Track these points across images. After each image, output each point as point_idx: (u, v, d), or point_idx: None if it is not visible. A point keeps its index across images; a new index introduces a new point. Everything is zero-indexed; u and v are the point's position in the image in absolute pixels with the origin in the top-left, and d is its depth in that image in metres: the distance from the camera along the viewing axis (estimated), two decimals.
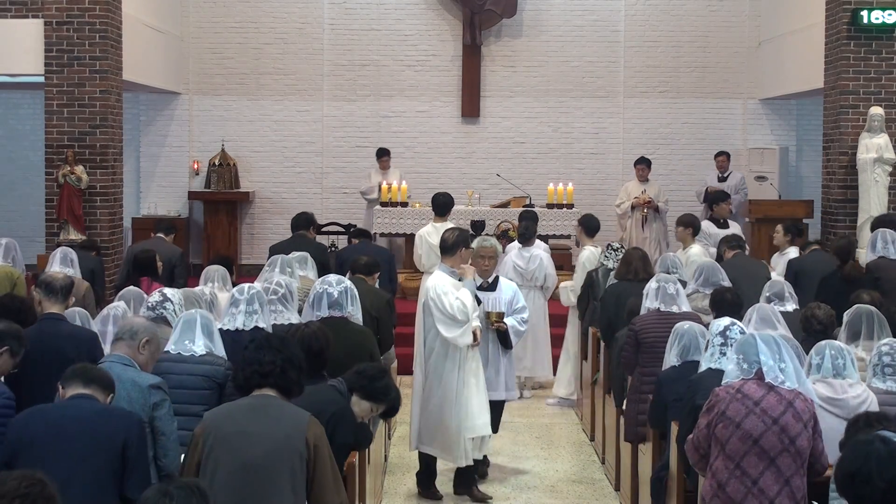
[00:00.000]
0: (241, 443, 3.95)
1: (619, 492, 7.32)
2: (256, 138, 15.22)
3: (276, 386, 4.10)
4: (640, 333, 6.61)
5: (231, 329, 5.93)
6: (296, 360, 4.17)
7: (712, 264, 7.95)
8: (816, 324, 6.14)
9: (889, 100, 11.77)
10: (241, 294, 6.07)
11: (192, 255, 15.08)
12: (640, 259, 8.03)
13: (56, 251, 8.31)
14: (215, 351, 5.36)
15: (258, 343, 4.22)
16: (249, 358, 4.16)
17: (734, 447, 4.37)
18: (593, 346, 8.66)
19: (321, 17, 15.21)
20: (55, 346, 5.43)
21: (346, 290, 6.25)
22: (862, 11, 11.66)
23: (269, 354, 4.11)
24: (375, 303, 7.22)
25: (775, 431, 4.35)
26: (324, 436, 4.11)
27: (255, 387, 4.12)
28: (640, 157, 13.61)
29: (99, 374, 4.28)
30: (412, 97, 15.24)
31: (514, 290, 7.58)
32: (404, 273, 12.68)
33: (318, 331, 5.28)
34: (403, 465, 7.92)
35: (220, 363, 5.28)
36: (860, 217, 11.52)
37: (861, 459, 3.40)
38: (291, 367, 4.13)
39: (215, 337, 5.42)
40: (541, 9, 15.19)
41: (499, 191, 14.57)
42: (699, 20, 15.23)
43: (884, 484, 3.36)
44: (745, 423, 4.35)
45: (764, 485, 4.34)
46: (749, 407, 4.37)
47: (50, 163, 11.62)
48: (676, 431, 5.52)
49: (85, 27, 11.50)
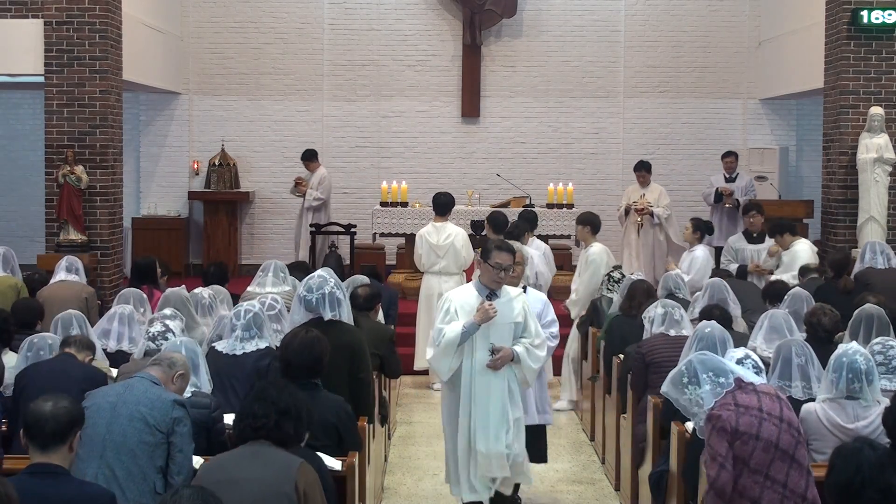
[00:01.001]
0: (230, 490, 3.86)
1: (619, 492, 7.32)
2: (256, 138, 15.22)
3: (270, 438, 4.04)
4: (648, 355, 6.52)
5: (229, 353, 5.84)
6: (292, 411, 4.08)
7: (720, 283, 7.73)
8: (822, 331, 6.09)
9: (889, 100, 11.77)
10: (238, 319, 5.94)
11: (193, 255, 15.09)
12: (643, 293, 7.79)
13: (61, 261, 8.23)
14: (200, 385, 5.26)
15: (255, 394, 4.14)
16: (244, 411, 4.10)
17: (759, 459, 4.25)
18: (593, 347, 8.66)
19: (321, 17, 15.21)
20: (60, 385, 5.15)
21: (323, 297, 5.80)
22: (862, 11, 11.66)
23: (263, 408, 4.05)
24: (377, 341, 7.01)
25: (786, 429, 4.29)
26: (316, 482, 4.04)
27: (249, 439, 4.06)
28: (638, 162, 13.06)
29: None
30: (412, 97, 15.24)
31: (543, 302, 6.80)
32: (404, 273, 12.69)
33: (319, 336, 5.18)
34: (403, 465, 7.93)
35: (206, 404, 5.13)
36: (860, 217, 11.52)
37: (852, 469, 3.37)
38: (287, 420, 4.05)
39: (200, 370, 5.33)
40: (541, 9, 15.20)
41: (499, 191, 14.56)
42: (699, 20, 15.23)
43: (878, 494, 3.33)
44: (763, 433, 4.26)
45: (793, 485, 4.25)
46: (757, 415, 4.28)
47: (50, 163, 11.62)
48: (678, 432, 5.53)
49: (85, 27, 11.49)
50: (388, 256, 14.15)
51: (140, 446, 4.42)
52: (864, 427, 4.94)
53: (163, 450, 4.49)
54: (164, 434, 4.49)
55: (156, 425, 4.48)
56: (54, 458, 3.93)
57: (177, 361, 4.93)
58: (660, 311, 6.79)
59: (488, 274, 5.88)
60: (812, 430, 5.02)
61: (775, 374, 5.38)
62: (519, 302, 5.97)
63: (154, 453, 4.46)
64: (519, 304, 5.96)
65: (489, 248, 5.92)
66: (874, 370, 5.08)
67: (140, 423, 4.47)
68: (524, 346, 5.90)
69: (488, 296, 5.88)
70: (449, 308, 5.87)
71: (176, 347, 5.27)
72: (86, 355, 5.69)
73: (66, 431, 3.94)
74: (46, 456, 3.92)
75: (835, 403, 5.02)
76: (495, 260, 5.85)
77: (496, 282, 5.86)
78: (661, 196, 12.85)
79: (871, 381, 5.03)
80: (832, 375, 5.04)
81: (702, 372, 4.44)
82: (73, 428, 3.97)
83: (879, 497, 3.33)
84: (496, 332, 5.83)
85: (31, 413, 3.95)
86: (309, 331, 5.25)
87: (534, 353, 5.95)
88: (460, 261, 10.23)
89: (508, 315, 5.87)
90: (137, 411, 4.50)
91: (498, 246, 5.92)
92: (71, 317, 6.33)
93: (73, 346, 5.66)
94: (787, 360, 5.39)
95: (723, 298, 7.47)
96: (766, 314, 6.47)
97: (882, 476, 3.35)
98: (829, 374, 5.08)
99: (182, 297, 6.97)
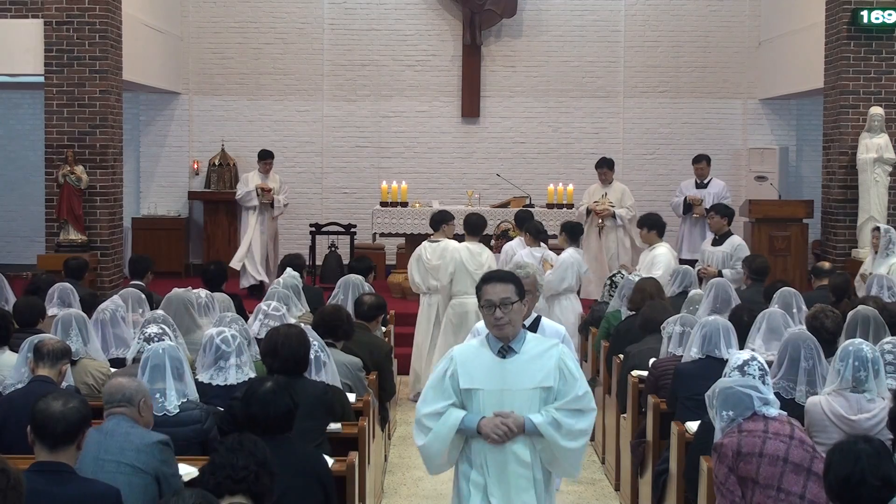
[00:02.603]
0: None
1: (619, 492, 7.32)
2: (256, 138, 15.21)
3: (249, 492, 3.76)
4: (661, 378, 6.32)
5: (222, 384, 5.50)
6: (270, 464, 3.84)
7: (724, 283, 7.72)
8: (826, 333, 6.08)
9: (889, 100, 11.78)
10: (228, 346, 5.54)
11: (192, 255, 15.08)
12: (654, 288, 7.71)
13: (54, 290, 7.72)
14: (188, 394, 5.07)
15: (230, 445, 3.85)
16: (221, 462, 3.78)
17: (767, 474, 4.22)
18: (593, 348, 8.65)
19: (321, 17, 15.21)
20: None
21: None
22: (862, 11, 11.66)
23: (242, 459, 3.76)
24: (375, 355, 6.93)
25: (797, 444, 4.26)
26: None
27: (226, 493, 3.74)
28: (600, 159, 12.45)
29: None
30: (412, 97, 15.24)
31: (560, 337, 5.06)
32: (404, 273, 12.67)
33: (280, 388, 4.52)
34: (403, 465, 7.93)
35: (197, 417, 5.00)
36: (860, 217, 11.53)
37: (851, 462, 3.46)
38: (265, 473, 3.81)
39: (186, 376, 5.08)
40: (541, 9, 15.20)
41: (499, 191, 14.56)
42: (699, 20, 15.23)
43: (878, 482, 3.42)
44: (766, 450, 4.23)
45: (812, 496, 4.20)
46: (761, 436, 4.27)
47: (50, 163, 11.63)
48: (678, 432, 5.53)
49: (85, 27, 11.50)
50: (388, 256, 14.15)
51: (129, 487, 4.28)
52: (866, 419, 4.94)
53: (152, 486, 4.37)
54: (152, 475, 4.37)
55: (144, 469, 4.36)
56: (62, 458, 3.91)
57: (131, 393, 4.53)
58: (678, 330, 6.46)
59: (485, 320, 4.35)
60: (816, 423, 5.01)
61: (781, 371, 5.35)
62: (551, 357, 4.26)
63: (146, 490, 4.35)
64: (551, 359, 4.26)
65: (478, 286, 4.38)
66: (881, 363, 5.09)
67: (127, 468, 4.33)
68: (551, 414, 4.19)
69: (501, 351, 4.27)
70: (447, 371, 4.31)
71: (159, 360, 5.03)
72: (62, 365, 5.37)
73: (76, 431, 3.91)
74: (54, 455, 3.91)
75: (839, 396, 5.02)
76: (485, 296, 4.27)
77: (496, 327, 4.25)
78: (625, 196, 12.04)
79: (878, 373, 5.03)
80: (839, 365, 5.04)
81: (722, 408, 4.41)
82: (82, 427, 3.95)
83: (880, 484, 3.43)
84: (512, 401, 4.22)
85: (40, 412, 3.92)
86: (262, 382, 4.58)
87: (566, 425, 4.19)
88: None
89: (531, 377, 4.25)
90: (124, 458, 4.34)
91: (486, 277, 4.37)
92: (71, 318, 6.21)
93: (46, 362, 5.31)
94: (795, 360, 5.35)
95: (727, 298, 7.48)
96: (764, 314, 6.43)
97: (880, 466, 3.44)
98: (835, 364, 5.08)
99: (184, 298, 6.95)
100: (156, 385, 4.99)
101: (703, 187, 12.01)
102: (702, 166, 12.18)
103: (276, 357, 5.21)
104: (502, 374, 4.23)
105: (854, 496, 3.44)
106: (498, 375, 4.24)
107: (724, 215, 10.10)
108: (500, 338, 4.26)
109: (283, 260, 9.49)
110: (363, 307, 7.30)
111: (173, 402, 4.99)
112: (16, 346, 6.08)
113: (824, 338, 6.03)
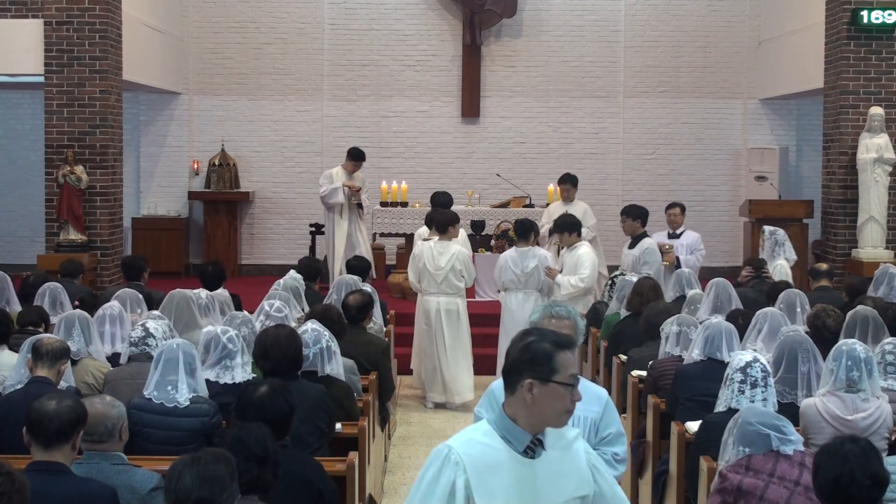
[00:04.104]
0: None
1: None
2: (256, 138, 15.22)
3: (254, 491, 3.75)
4: (660, 379, 6.30)
5: (230, 383, 5.50)
6: (271, 455, 3.82)
7: (724, 283, 7.69)
8: (827, 333, 6.07)
9: (889, 100, 11.78)
10: (234, 345, 5.58)
11: (193, 255, 15.08)
12: (650, 289, 7.73)
13: (45, 290, 7.65)
14: (199, 390, 5.11)
15: (230, 445, 3.80)
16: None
17: None
18: (593, 347, 8.66)
19: (321, 17, 15.21)
20: None
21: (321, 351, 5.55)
22: (862, 11, 11.66)
23: (244, 462, 3.72)
24: (371, 353, 6.92)
25: (801, 492, 4.10)
26: None
27: None
28: (564, 175, 11.73)
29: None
30: (412, 97, 15.24)
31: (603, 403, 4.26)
32: (404, 273, 12.67)
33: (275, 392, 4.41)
34: (403, 465, 7.93)
35: (205, 411, 5.03)
36: (860, 217, 11.53)
37: (840, 463, 3.47)
38: (265, 467, 3.81)
39: (198, 373, 5.13)
40: (541, 9, 15.20)
41: (499, 191, 14.56)
42: (699, 20, 15.23)
43: (868, 480, 3.44)
44: (768, 494, 4.08)
45: None
46: (765, 479, 4.13)
47: (50, 163, 11.62)
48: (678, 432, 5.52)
49: (85, 27, 11.50)
50: (388, 256, 14.15)
51: None
52: (862, 419, 4.92)
53: None
54: None
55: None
56: (57, 457, 3.91)
57: (111, 425, 4.28)
58: (674, 330, 6.44)
59: (546, 403, 2.98)
60: (812, 425, 5.00)
61: (780, 373, 5.32)
62: (578, 453, 3.16)
63: None
64: (579, 456, 3.15)
65: (544, 352, 2.99)
66: (874, 362, 5.07)
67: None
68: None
69: (531, 447, 3.03)
70: (451, 484, 2.97)
71: (173, 353, 5.09)
72: (61, 364, 5.33)
73: (70, 430, 3.91)
74: (49, 454, 3.90)
75: (834, 396, 5.01)
76: (569, 369, 2.99)
77: (568, 413, 3.02)
78: (586, 215, 11.21)
79: (871, 372, 5.01)
80: (832, 365, 5.04)
81: (739, 443, 4.19)
82: (76, 426, 3.94)
83: (870, 483, 3.44)
84: None
85: (34, 412, 3.93)
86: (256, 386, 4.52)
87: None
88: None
89: (564, 484, 3.09)
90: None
91: (560, 343, 3.02)
92: (74, 317, 6.18)
93: (44, 361, 5.26)
94: (792, 363, 5.32)
95: (727, 297, 7.47)
96: (765, 315, 6.41)
97: (869, 464, 3.46)
98: (828, 364, 5.07)
99: (186, 297, 6.96)
100: (168, 377, 5.05)
101: (675, 237, 10.54)
102: (675, 212, 10.66)
103: (267, 359, 5.22)
104: (533, 482, 3.01)
105: (845, 497, 3.45)
106: (528, 486, 3.00)
107: (637, 217, 9.87)
108: (544, 427, 3.02)
109: (348, 262, 9.65)
110: (350, 311, 7.16)
111: (184, 394, 5.05)
112: (16, 347, 6.09)
113: (826, 337, 6.03)
